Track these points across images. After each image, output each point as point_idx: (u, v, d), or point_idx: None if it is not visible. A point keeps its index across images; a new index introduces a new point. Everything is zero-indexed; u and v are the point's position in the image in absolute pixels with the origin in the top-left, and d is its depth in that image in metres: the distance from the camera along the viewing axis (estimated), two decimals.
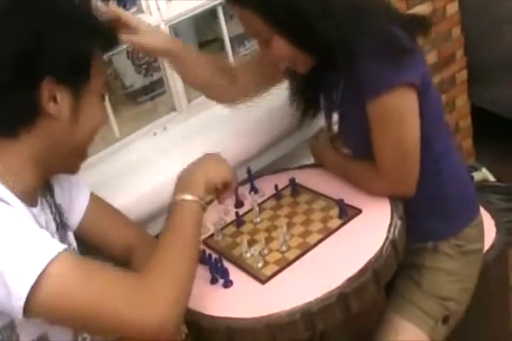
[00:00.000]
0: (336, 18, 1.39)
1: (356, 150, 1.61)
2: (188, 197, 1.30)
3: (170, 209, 1.31)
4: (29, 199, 1.23)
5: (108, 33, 1.29)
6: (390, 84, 1.41)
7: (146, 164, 1.74)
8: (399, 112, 1.45)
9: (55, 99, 1.18)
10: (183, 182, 1.35)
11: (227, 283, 1.41)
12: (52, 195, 1.35)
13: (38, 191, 1.28)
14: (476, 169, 2.83)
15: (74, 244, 1.38)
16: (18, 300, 1.05)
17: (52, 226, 1.30)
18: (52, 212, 1.32)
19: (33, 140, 1.20)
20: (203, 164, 1.39)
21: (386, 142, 1.49)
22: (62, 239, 1.31)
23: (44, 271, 1.06)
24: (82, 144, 1.28)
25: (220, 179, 1.38)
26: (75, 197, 1.43)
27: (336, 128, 1.60)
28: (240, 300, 1.38)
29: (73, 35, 1.18)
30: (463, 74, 2.80)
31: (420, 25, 1.50)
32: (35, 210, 1.24)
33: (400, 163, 1.50)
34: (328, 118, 1.62)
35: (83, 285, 1.10)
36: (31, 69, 1.15)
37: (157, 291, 1.15)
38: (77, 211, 1.43)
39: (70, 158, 1.29)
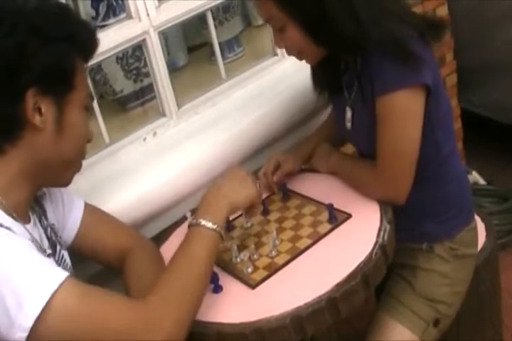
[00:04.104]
0: (354, 11, 1.40)
1: (362, 148, 1.62)
2: (208, 224, 1.31)
3: (188, 231, 1.32)
4: (22, 215, 1.22)
5: (88, 43, 1.26)
6: (402, 83, 1.42)
7: (136, 170, 1.74)
8: (404, 112, 1.46)
9: (39, 111, 1.17)
10: (206, 204, 1.36)
11: (217, 288, 1.41)
12: (46, 217, 1.34)
13: (29, 206, 1.27)
14: (467, 172, 2.83)
15: (68, 260, 1.36)
16: (21, 332, 1.04)
17: (45, 242, 1.29)
18: (45, 231, 1.31)
19: (19, 154, 1.19)
20: (227, 185, 1.39)
21: (386, 140, 1.49)
22: (54, 254, 1.30)
23: (48, 302, 1.05)
24: (71, 156, 1.26)
25: (245, 203, 1.40)
26: (69, 215, 1.43)
27: (349, 125, 1.61)
28: (230, 305, 1.38)
29: (56, 45, 1.17)
30: (453, 78, 2.80)
31: (436, 28, 1.51)
32: (29, 226, 1.23)
33: (396, 163, 1.50)
34: (341, 115, 1.63)
35: (87, 314, 1.10)
36: (16, 80, 1.14)
37: (162, 314, 1.15)
38: (71, 227, 1.43)
39: (61, 171, 1.27)
